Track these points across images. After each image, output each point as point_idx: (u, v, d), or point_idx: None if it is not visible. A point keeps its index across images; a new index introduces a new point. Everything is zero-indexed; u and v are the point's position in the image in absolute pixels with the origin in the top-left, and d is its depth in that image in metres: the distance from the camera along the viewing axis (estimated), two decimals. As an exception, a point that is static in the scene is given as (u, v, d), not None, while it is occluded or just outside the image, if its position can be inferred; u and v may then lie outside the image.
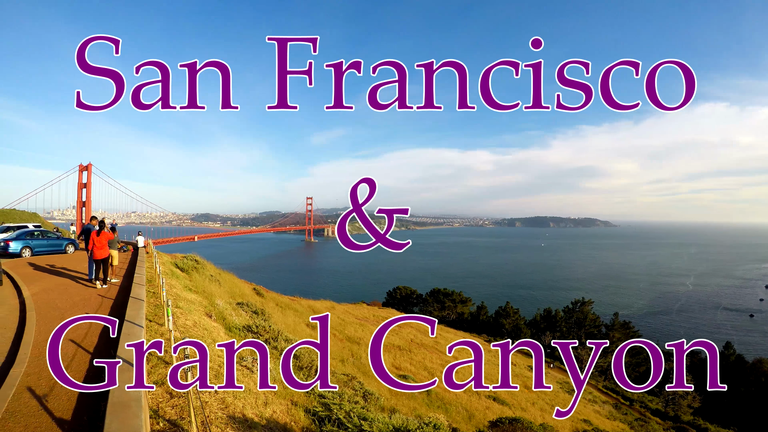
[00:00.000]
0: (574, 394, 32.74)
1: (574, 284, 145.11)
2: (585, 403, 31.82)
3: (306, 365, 12.35)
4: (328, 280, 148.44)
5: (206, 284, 19.59)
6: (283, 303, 30.88)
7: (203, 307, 13.69)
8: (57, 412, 5.81)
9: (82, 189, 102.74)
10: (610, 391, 41.50)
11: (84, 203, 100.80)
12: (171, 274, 18.11)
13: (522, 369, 37.04)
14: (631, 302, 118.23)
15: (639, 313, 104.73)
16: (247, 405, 7.38)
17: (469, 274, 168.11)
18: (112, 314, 10.81)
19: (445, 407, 17.45)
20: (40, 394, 6.26)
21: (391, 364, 24.54)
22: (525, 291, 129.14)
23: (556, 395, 30.69)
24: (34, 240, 23.94)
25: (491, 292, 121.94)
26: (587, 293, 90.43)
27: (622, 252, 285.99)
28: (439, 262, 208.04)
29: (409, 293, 71.93)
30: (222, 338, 11.02)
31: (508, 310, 60.98)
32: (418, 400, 17.01)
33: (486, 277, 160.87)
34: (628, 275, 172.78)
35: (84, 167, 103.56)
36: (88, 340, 8.78)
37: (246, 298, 23.09)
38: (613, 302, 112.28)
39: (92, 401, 6.16)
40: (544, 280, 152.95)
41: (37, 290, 13.35)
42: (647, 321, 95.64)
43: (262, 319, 17.45)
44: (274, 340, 12.77)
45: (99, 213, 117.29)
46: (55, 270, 17.90)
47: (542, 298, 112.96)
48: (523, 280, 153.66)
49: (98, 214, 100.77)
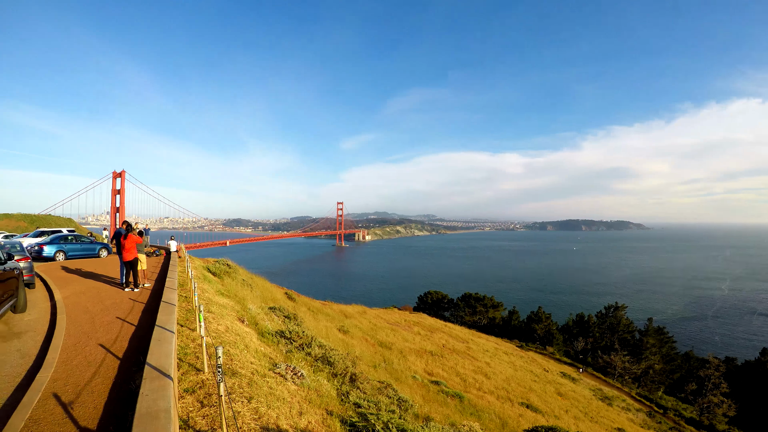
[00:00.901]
0: (607, 402, 31.87)
1: (607, 289, 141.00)
2: (619, 411, 30.74)
3: (341, 372, 11.87)
4: (359, 284, 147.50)
5: (238, 289, 19.39)
6: (314, 307, 30.70)
7: (235, 312, 13.37)
8: (82, 420, 5.45)
9: (116, 195, 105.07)
10: (644, 398, 39.97)
11: (117, 209, 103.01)
12: (203, 278, 17.95)
13: (555, 375, 36.14)
14: (665, 307, 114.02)
15: (673, 318, 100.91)
16: (281, 415, 6.91)
17: (500, 278, 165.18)
18: (143, 318, 10.54)
19: (477, 414, 16.83)
20: (65, 401, 5.93)
21: (423, 369, 24.05)
22: (556, 296, 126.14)
23: (589, 402, 29.69)
24: (67, 244, 24.28)
25: (523, 296, 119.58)
26: (620, 298, 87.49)
27: (655, 255, 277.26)
28: (469, 267, 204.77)
29: (440, 297, 70.98)
30: (254, 344, 10.62)
31: (540, 315, 59.54)
32: (451, 406, 16.50)
33: (517, 281, 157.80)
34: (661, 279, 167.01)
35: (117, 174, 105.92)
36: (117, 344, 8.48)
37: (278, 302, 22.89)
38: (646, 307, 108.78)
39: (120, 410, 5.80)
40: (576, 285, 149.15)
41: (68, 293, 13.25)
42: (681, 326, 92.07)
43: (294, 324, 17.10)
44: (307, 345, 12.29)
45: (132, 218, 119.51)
46: (88, 274, 17.93)
47: (574, 303, 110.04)
48: (554, 284, 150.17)
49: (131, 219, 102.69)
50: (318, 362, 11.73)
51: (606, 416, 26.88)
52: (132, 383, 6.53)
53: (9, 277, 9.97)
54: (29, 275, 13.80)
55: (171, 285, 13.42)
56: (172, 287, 13.06)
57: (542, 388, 28.28)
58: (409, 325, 40.71)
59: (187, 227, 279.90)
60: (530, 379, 30.05)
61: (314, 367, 11.24)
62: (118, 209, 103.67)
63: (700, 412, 39.95)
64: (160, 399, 5.19)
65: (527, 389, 26.15)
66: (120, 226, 15.95)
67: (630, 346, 50.86)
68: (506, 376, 27.89)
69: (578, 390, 32.86)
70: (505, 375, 28.31)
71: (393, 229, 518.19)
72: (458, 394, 18.79)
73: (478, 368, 28.12)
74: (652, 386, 46.75)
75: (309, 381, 9.39)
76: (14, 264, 10.95)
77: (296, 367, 9.50)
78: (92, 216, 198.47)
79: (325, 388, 9.65)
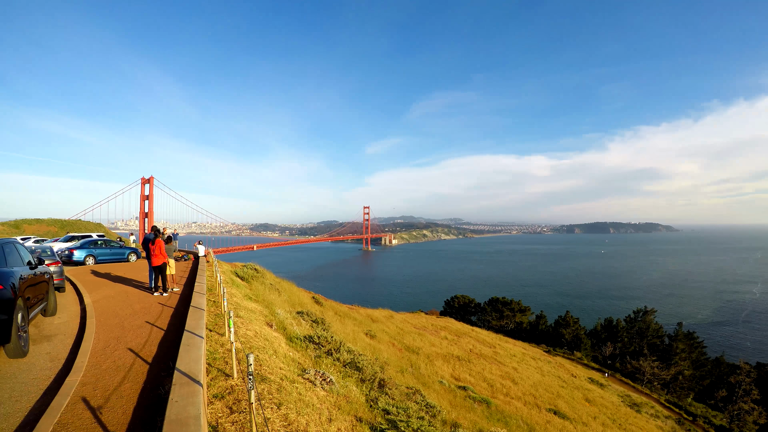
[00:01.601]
0: (636, 409, 31.18)
1: (635, 293, 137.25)
2: (647, 418, 29.86)
3: (369, 377, 11.66)
4: (386, 288, 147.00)
5: (266, 293, 19.36)
6: (341, 312, 30.57)
7: (264, 317, 13.30)
8: (111, 425, 5.35)
9: (144, 200, 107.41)
10: (673, 405, 38.80)
11: (146, 214, 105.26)
12: (231, 282, 17.96)
13: (582, 381, 35.45)
14: (694, 311, 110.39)
15: (703, 322, 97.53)
16: (310, 422, 6.73)
17: (526, 282, 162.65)
18: (171, 323, 10.53)
19: (505, 420, 16.50)
20: (94, 406, 5.85)
21: (450, 374, 23.74)
22: (583, 300, 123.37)
23: (617, 409, 29.00)
24: (97, 249, 24.67)
25: (549, 301, 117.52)
26: (649, 302, 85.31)
27: (684, 258, 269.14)
28: (496, 271, 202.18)
29: (467, 302, 70.25)
30: (283, 349, 10.50)
31: (567, 319, 58.43)
32: (478, 412, 16.14)
33: (544, 285, 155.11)
34: (690, 282, 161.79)
35: (146, 180, 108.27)
36: (146, 349, 8.44)
37: (305, 306, 22.76)
38: (675, 311, 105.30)
39: (148, 415, 5.69)
40: (603, 289, 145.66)
41: (98, 297, 13.36)
42: (711, 331, 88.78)
43: (322, 328, 16.94)
44: (336, 351, 12.13)
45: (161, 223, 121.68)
46: (117, 278, 18.12)
47: (601, 308, 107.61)
48: (582, 289, 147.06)
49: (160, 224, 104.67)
50: (347, 368, 11.56)
51: (635, 423, 26.24)
52: (161, 388, 6.43)
53: (40, 281, 10.06)
54: (59, 279, 14.00)
55: (200, 290, 13.44)
56: (200, 292, 13.07)
57: (570, 394, 27.82)
58: (436, 329, 40.43)
59: (215, 232, 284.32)
60: (558, 385, 29.51)
61: (343, 372, 11.06)
62: (147, 214, 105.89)
63: (730, 420, 38.86)
64: (190, 405, 5.06)
65: (555, 395, 25.72)
66: (149, 232, 16.10)
67: (659, 352, 49.67)
68: (533, 382, 27.44)
69: (606, 396, 32.24)
70: (533, 380, 27.84)
71: (419, 233, 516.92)
72: (485, 399, 18.52)
73: (505, 373, 27.71)
74: (682, 392, 45.68)
75: (338, 387, 9.21)
76: (45, 268, 11.07)
77: (325, 373, 9.33)
78: (121, 221, 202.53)
79: (354, 394, 9.47)
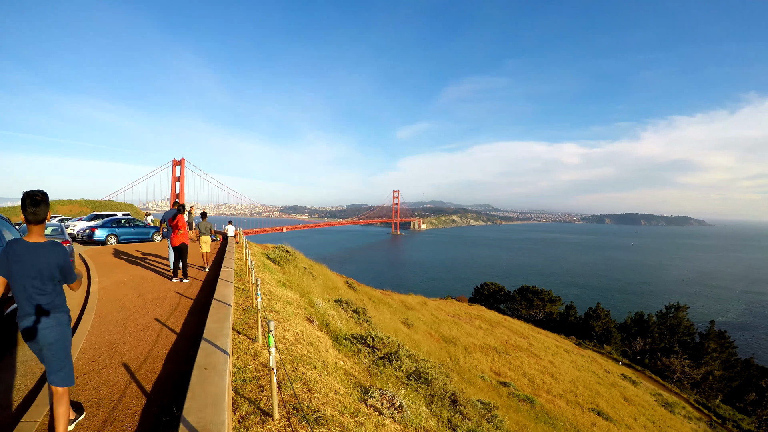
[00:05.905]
0: (669, 409, 30.10)
1: (665, 287, 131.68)
2: (681, 420, 28.37)
3: (439, 393, 9.17)
4: (415, 273, 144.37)
5: (300, 278, 17.21)
6: (375, 297, 29.32)
7: (302, 309, 10.88)
8: None
9: (176, 182, 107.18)
10: (702, 406, 37.06)
11: (177, 195, 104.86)
12: (263, 266, 15.71)
13: (616, 377, 33.98)
14: (726, 309, 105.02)
15: (734, 321, 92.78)
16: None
17: (555, 272, 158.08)
18: (188, 322, 8.10)
19: (551, 422, 15.75)
20: None
21: (489, 368, 22.47)
22: (612, 293, 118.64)
23: (654, 409, 27.76)
24: (120, 228, 23.09)
25: (577, 292, 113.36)
26: (678, 297, 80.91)
27: (717, 254, 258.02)
28: (524, 259, 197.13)
29: (496, 290, 68.22)
30: (332, 356, 8.04)
31: (598, 312, 55.72)
32: (523, 412, 15.53)
33: (573, 275, 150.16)
34: (722, 279, 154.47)
35: (177, 162, 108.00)
36: (147, 366, 6.00)
37: (340, 293, 21.10)
38: (705, 309, 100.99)
39: None
40: (633, 282, 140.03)
41: (108, 283, 11.15)
42: (742, 331, 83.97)
43: (364, 320, 14.72)
44: (394, 356, 9.48)
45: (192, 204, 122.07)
46: (136, 260, 16.07)
47: (630, 301, 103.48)
48: (611, 281, 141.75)
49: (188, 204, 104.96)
50: (410, 379, 9.08)
51: (672, 425, 25.03)
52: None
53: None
54: None
55: (226, 277, 10.97)
56: (227, 279, 10.60)
57: (608, 392, 26.82)
58: (469, 318, 39.59)
59: (245, 213, 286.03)
60: (594, 381, 28.71)
61: (407, 386, 8.62)
62: (178, 195, 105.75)
63: (759, 425, 36.97)
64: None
65: (594, 393, 25.02)
66: (171, 207, 13.75)
67: (690, 350, 47.62)
68: (572, 378, 26.91)
69: (640, 395, 31.05)
70: (571, 376, 27.32)
71: (449, 218, 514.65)
72: (529, 398, 17.95)
73: (543, 368, 26.89)
74: (710, 393, 43.48)
75: (410, 413, 6.75)
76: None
77: (393, 395, 6.84)
78: (153, 202, 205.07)
79: (430, 425, 7.03)
